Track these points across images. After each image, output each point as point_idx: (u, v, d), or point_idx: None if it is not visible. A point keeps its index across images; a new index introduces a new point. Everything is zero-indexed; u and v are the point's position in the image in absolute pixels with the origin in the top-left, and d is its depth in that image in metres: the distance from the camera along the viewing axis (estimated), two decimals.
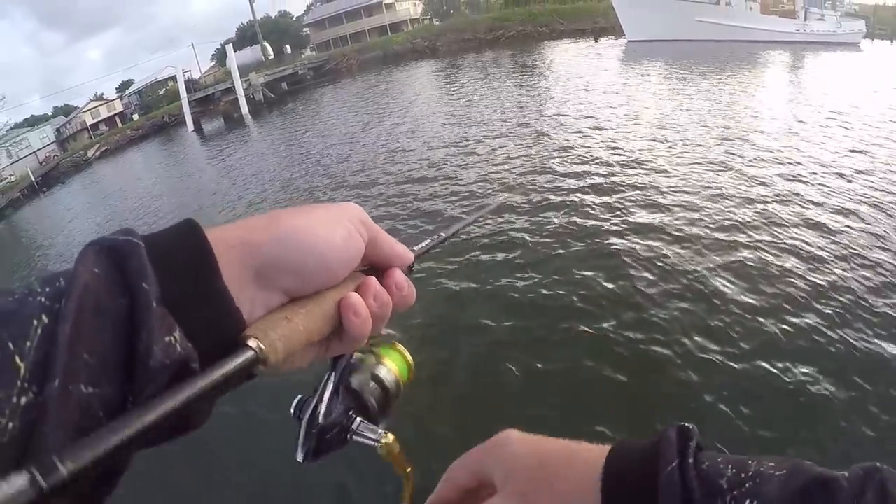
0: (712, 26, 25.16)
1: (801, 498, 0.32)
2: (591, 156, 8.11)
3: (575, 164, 7.86)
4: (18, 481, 0.20)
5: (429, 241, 0.56)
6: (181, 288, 0.31)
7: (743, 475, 0.34)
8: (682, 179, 6.80)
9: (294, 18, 56.09)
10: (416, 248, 0.51)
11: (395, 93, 21.40)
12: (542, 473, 0.41)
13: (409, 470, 0.52)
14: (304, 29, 55.99)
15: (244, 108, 28.90)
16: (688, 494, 0.34)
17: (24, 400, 0.24)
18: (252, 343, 0.32)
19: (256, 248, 0.35)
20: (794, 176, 6.62)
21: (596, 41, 29.20)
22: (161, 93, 47.62)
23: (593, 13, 35.29)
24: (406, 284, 0.45)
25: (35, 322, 0.26)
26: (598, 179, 7.08)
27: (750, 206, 5.78)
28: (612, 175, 7.19)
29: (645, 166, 7.43)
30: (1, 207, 26.91)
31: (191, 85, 41.00)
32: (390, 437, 0.49)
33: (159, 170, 20.07)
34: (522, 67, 21.71)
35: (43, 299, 0.27)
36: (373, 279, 0.42)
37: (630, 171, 7.28)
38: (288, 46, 48.12)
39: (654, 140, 8.67)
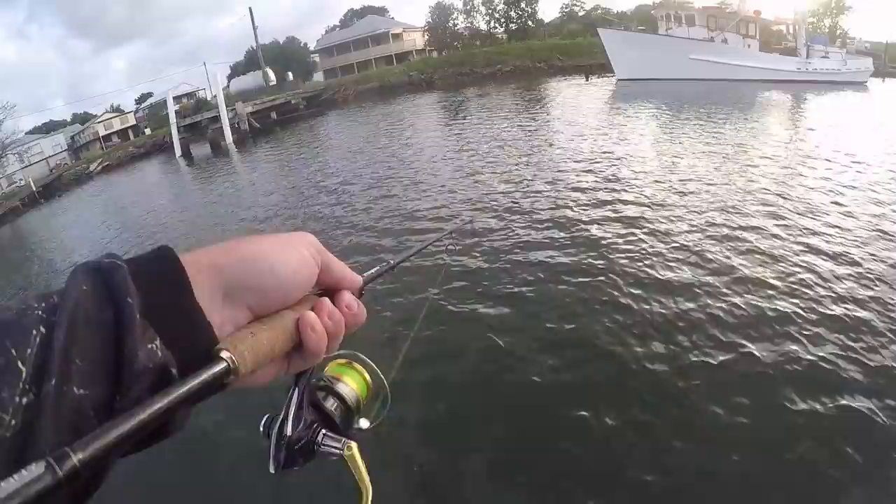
0: (707, 65, 24.13)
1: None
2: (557, 202, 7.74)
3: (532, 210, 7.51)
4: (37, 469, 0.23)
5: (377, 267, 0.64)
6: (160, 303, 0.34)
7: None
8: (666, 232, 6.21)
9: (302, 45, 56.39)
10: (365, 274, 0.56)
11: (381, 126, 21.34)
12: None
13: (368, 484, 0.53)
14: (313, 55, 56.30)
15: (228, 138, 28.72)
16: None
17: (25, 400, 0.27)
18: (225, 355, 0.36)
19: (222, 270, 0.39)
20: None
21: (587, 80, 28.45)
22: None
23: (593, 49, 34.37)
24: (356, 305, 0.49)
25: (34, 332, 0.29)
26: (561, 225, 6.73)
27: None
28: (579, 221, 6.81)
29: (615, 213, 6.97)
30: (0, 215, 27.20)
31: (201, 104, 41.24)
32: (353, 447, 0.52)
33: (148, 190, 20.82)
34: (505, 106, 21.09)
35: (40, 312, 0.30)
36: (326, 300, 0.47)
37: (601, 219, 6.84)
38: (290, 73, 48.10)
39: (627, 193, 7.83)
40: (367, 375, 0.60)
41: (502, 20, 48.11)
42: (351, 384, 0.58)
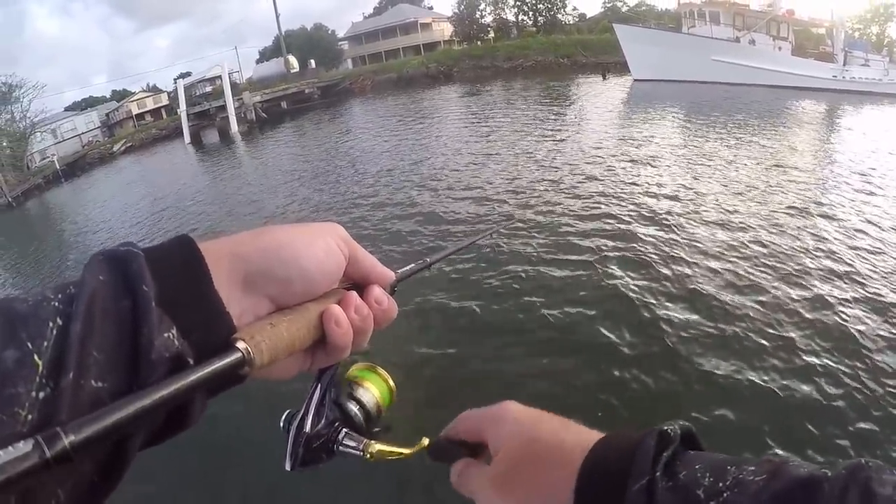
0: (731, 67, 22.39)
1: None
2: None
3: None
4: (24, 447, 0.22)
5: (413, 265, 0.60)
6: (176, 291, 0.34)
7: (721, 484, 0.33)
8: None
9: (330, 32, 55.92)
10: (399, 271, 0.54)
11: (396, 118, 21.30)
12: (526, 457, 0.44)
13: (407, 451, 0.52)
14: (342, 43, 55.87)
15: (234, 127, 28.92)
16: None
17: (41, 395, 0.27)
18: (240, 345, 0.34)
19: (243, 259, 0.38)
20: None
21: (604, 79, 27.18)
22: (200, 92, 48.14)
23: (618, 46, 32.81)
24: (385, 299, 0.47)
25: (51, 324, 0.29)
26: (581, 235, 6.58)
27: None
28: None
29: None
30: (25, 190, 29.11)
31: (231, 88, 41.36)
32: (375, 446, 0.50)
33: (162, 174, 22.04)
34: (515, 105, 20.62)
35: (57, 304, 0.30)
36: (353, 293, 0.45)
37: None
38: (312, 61, 47.68)
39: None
40: (391, 382, 0.56)
41: (530, 13, 46.55)
42: (373, 390, 0.55)
